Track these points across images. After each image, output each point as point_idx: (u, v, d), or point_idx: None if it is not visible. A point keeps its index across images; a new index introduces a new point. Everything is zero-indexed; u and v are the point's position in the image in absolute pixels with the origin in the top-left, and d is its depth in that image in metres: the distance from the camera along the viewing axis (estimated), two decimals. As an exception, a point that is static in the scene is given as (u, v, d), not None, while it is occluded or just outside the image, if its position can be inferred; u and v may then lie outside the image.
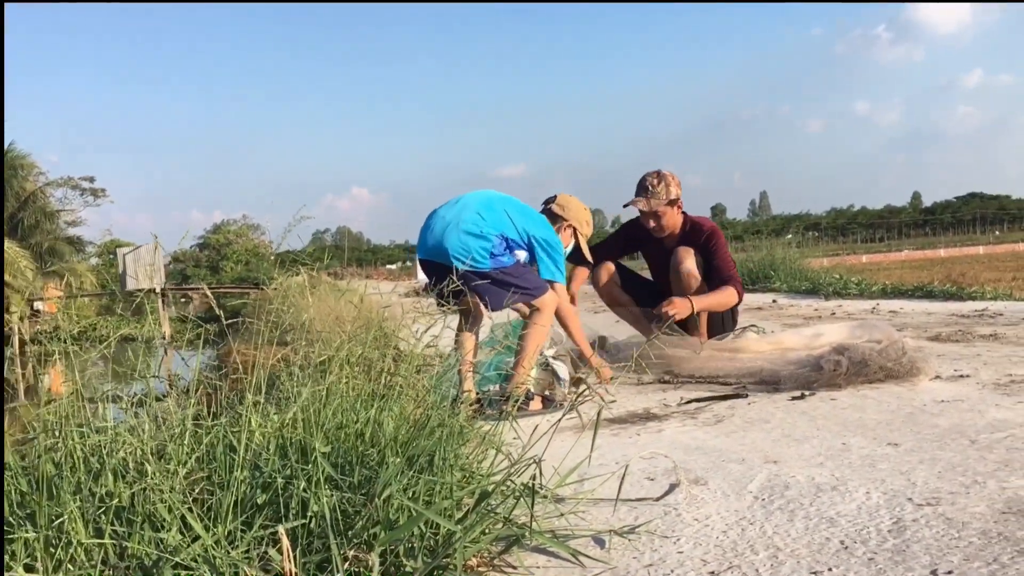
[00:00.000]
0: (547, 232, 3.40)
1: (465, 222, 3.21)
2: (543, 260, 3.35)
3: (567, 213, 3.65)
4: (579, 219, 3.68)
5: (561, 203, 3.66)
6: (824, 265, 15.15)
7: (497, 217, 3.26)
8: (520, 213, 3.35)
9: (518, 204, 3.40)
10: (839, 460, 2.15)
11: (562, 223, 3.63)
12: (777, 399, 3.08)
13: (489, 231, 3.21)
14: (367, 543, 1.46)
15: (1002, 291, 7.40)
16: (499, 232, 3.23)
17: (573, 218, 3.66)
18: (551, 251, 3.37)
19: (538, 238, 3.33)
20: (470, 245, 3.18)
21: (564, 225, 3.63)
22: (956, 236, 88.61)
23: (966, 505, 1.72)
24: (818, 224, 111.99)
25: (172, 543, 1.36)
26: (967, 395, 2.87)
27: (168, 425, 1.68)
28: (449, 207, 3.34)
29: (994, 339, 4.39)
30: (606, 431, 2.73)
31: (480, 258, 3.19)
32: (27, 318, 19.17)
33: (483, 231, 3.21)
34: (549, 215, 3.61)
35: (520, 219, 3.32)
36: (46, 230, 28.04)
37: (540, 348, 3.34)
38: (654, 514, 1.82)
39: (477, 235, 3.20)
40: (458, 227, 3.21)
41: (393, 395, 1.94)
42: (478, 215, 3.23)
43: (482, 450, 2.00)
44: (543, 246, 3.34)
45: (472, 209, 3.26)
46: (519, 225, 3.30)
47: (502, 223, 3.26)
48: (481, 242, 3.20)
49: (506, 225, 3.26)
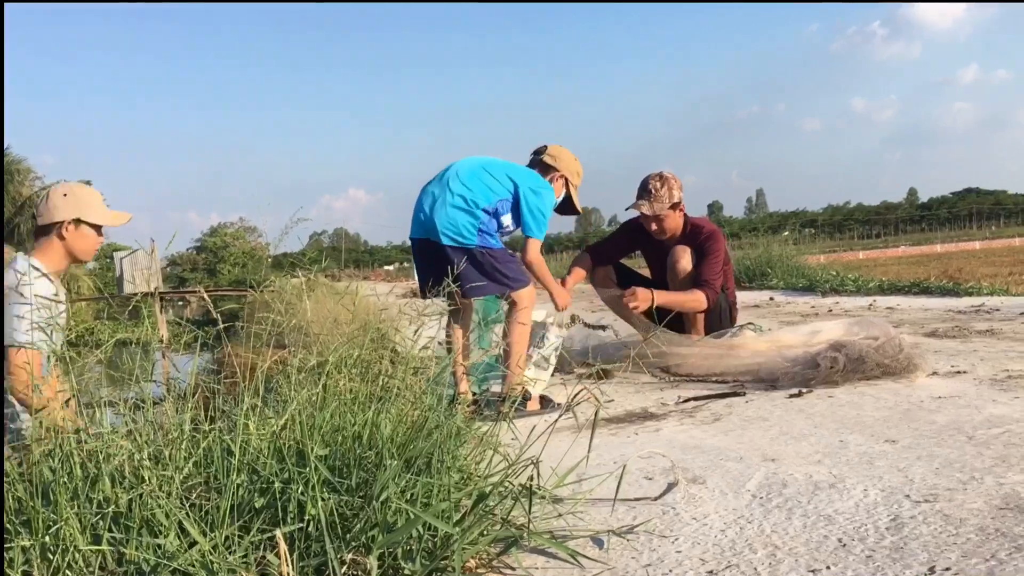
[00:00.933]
0: (534, 181, 3.38)
1: (453, 196, 3.23)
2: (526, 214, 3.32)
3: (558, 163, 3.60)
4: (570, 169, 3.63)
5: (552, 153, 3.61)
6: (821, 262, 15.15)
7: (482, 184, 3.26)
8: (506, 168, 3.35)
9: (504, 163, 3.39)
10: (837, 457, 2.15)
11: (554, 173, 3.58)
12: (775, 397, 3.08)
13: (476, 201, 3.22)
14: (365, 546, 1.46)
15: (998, 286, 7.41)
16: (487, 202, 3.24)
17: (564, 168, 3.61)
18: (538, 201, 3.34)
19: (524, 188, 3.31)
20: (458, 221, 3.20)
21: (556, 176, 3.59)
22: (952, 232, 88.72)
23: (963, 501, 1.72)
24: (815, 221, 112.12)
25: (170, 549, 1.36)
26: (964, 391, 2.88)
27: (165, 430, 1.67)
28: (437, 182, 3.35)
29: (991, 335, 4.40)
30: (604, 431, 2.73)
31: (468, 234, 3.20)
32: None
33: (471, 204, 3.22)
34: (540, 166, 3.58)
35: (505, 173, 3.32)
36: (42, 235, 27.99)
37: (527, 345, 3.34)
38: (652, 513, 1.83)
39: (465, 210, 3.21)
40: (446, 203, 3.23)
41: (390, 397, 1.94)
42: (464, 186, 3.24)
43: (480, 451, 2.00)
44: (528, 197, 3.32)
45: (458, 180, 3.26)
46: (505, 178, 3.30)
47: (487, 190, 3.26)
48: (469, 217, 3.21)
49: (492, 188, 3.27)
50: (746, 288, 10.45)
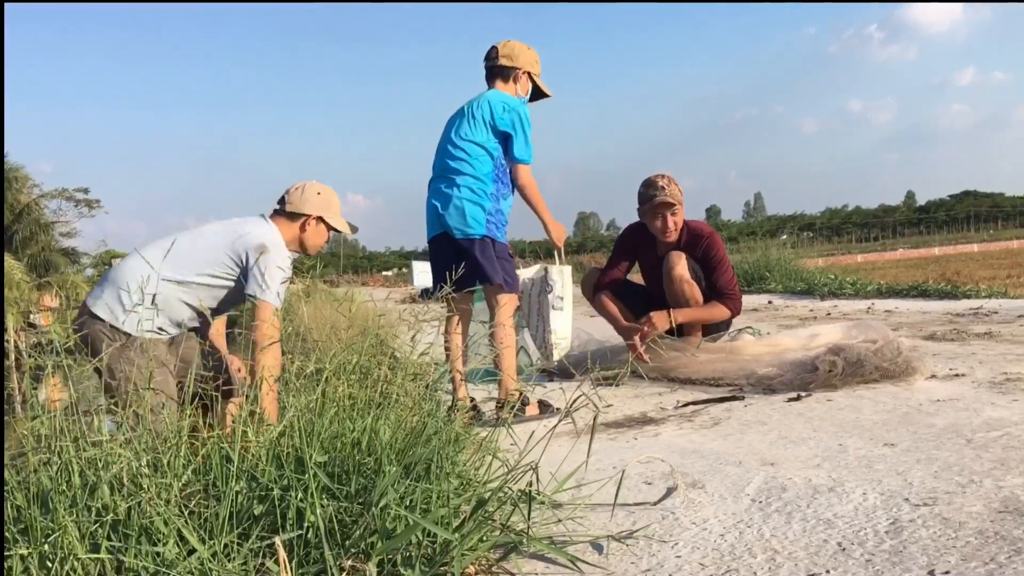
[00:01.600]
0: (500, 104, 3.35)
1: (460, 189, 3.26)
2: (516, 142, 3.33)
3: (517, 61, 3.51)
4: (528, 61, 3.54)
5: (506, 53, 3.51)
6: (819, 265, 15.18)
7: (474, 154, 3.29)
8: (477, 115, 3.34)
9: (467, 111, 3.38)
10: (836, 461, 2.15)
11: (516, 72, 3.50)
12: (774, 401, 3.08)
13: (484, 188, 3.26)
14: (364, 553, 1.46)
15: (997, 289, 7.42)
16: (487, 174, 3.29)
17: (523, 62, 3.52)
18: (513, 118, 3.33)
19: (498, 118, 3.31)
20: (467, 212, 3.24)
21: (518, 73, 3.51)
22: (950, 234, 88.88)
23: (963, 505, 1.72)
24: (813, 224, 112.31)
25: (169, 556, 1.36)
26: (963, 394, 2.88)
27: (163, 437, 1.67)
28: (441, 177, 3.36)
29: (989, 337, 4.40)
30: (603, 435, 2.73)
31: (476, 225, 3.25)
32: (23, 331, 19.12)
33: (478, 192, 3.25)
34: (499, 71, 3.51)
35: (482, 121, 3.32)
36: (41, 242, 27.99)
37: (517, 347, 3.35)
38: (652, 518, 1.82)
39: (474, 201, 3.25)
40: (452, 197, 3.27)
41: (389, 403, 1.94)
42: (465, 175, 3.28)
43: (479, 457, 2.00)
44: (505, 124, 3.32)
45: (457, 168, 3.29)
46: (483, 129, 3.31)
47: (479, 159, 3.29)
48: (478, 209, 3.25)
49: (483, 151, 3.29)
50: (745, 292, 10.40)
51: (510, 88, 3.46)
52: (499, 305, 3.26)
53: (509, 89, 3.46)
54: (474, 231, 3.24)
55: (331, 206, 2.95)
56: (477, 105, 3.36)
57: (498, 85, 3.46)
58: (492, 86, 3.47)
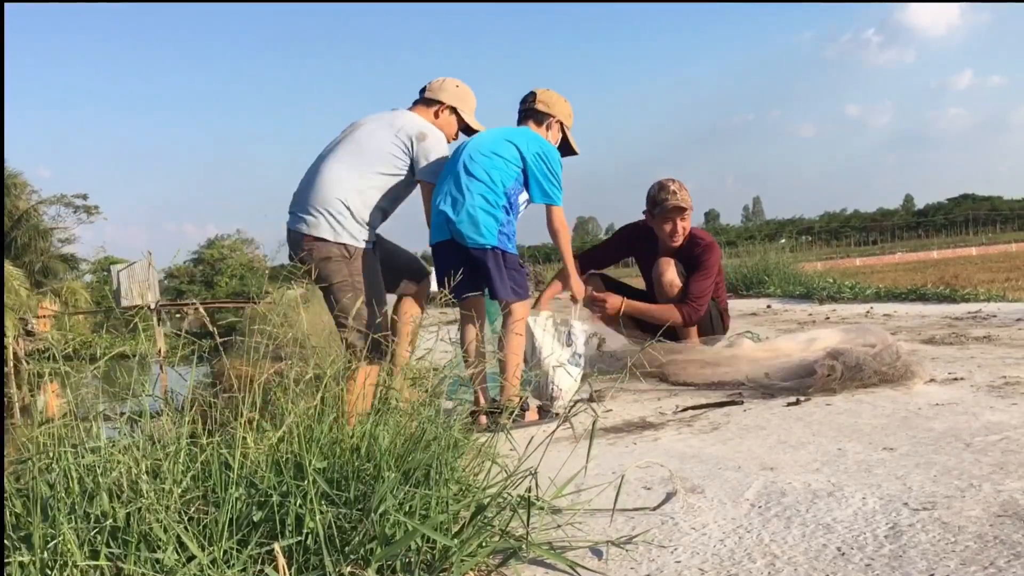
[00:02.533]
0: (538, 145, 3.28)
1: (473, 195, 3.15)
2: (543, 181, 3.25)
3: (552, 109, 3.48)
4: (564, 112, 3.53)
5: (544, 100, 3.48)
6: (818, 269, 15.18)
7: (497, 171, 3.19)
8: (508, 139, 3.26)
9: (502, 134, 3.30)
10: (835, 466, 2.15)
11: (549, 120, 3.48)
12: (773, 405, 3.08)
13: (497, 199, 3.16)
14: (364, 559, 1.46)
15: (995, 292, 7.41)
16: (505, 187, 3.18)
17: (558, 112, 3.50)
18: (549, 164, 3.26)
19: (530, 155, 3.23)
20: (480, 221, 3.13)
21: (552, 121, 3.48)
22: (949, 237, 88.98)
23: (962, 509, 1.72)
24: (811, 228, 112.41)
25: (168, 563, 1.36)
26: (962, 398, 2.88)
27: (162, 443, 1.67)
28: (452, 182, 3.24)
29: (988, 341, 4.40)
30: (602, 440, 2.72)
31: (488, 235, 3.14)
32: (21, 337, 19.10)
33: (492, 204, 3.15)
34: (532, 114, 3.48)
35: (511, 145, 3.23)
36: (39, 248, 27.99)
37: (523, 355, 3.29)
38: (651, 524, 1.82)
39: (487, 211, 3.15)
40: (466, 204, 3.15)
41: (388, 409, 1.94)
42: (481, 183, 3.17)
43: (478, 462, 2.00)
44: (538, 164, 3.24)
45: (474, 177, 3.18)
46: (512, 152, 3.22)
47: (503, 173, 3.19)
48: (491, 219, 3.15)
49: (507, 170, 3.20)
50: (743, 296, 10.46)
51: (541, 133, 3.43)
52: (511, 315, 3.19)
53: (540, 133, 3.42)
54: (486, 241, 3.16)
55: (467, 101, 3.17)
56: (512, 132, 3.31)
57: (531, 127, 3.44)
58: (524, 125, 3.45)
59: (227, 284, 47.51)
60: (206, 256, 55.39)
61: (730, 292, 10.34)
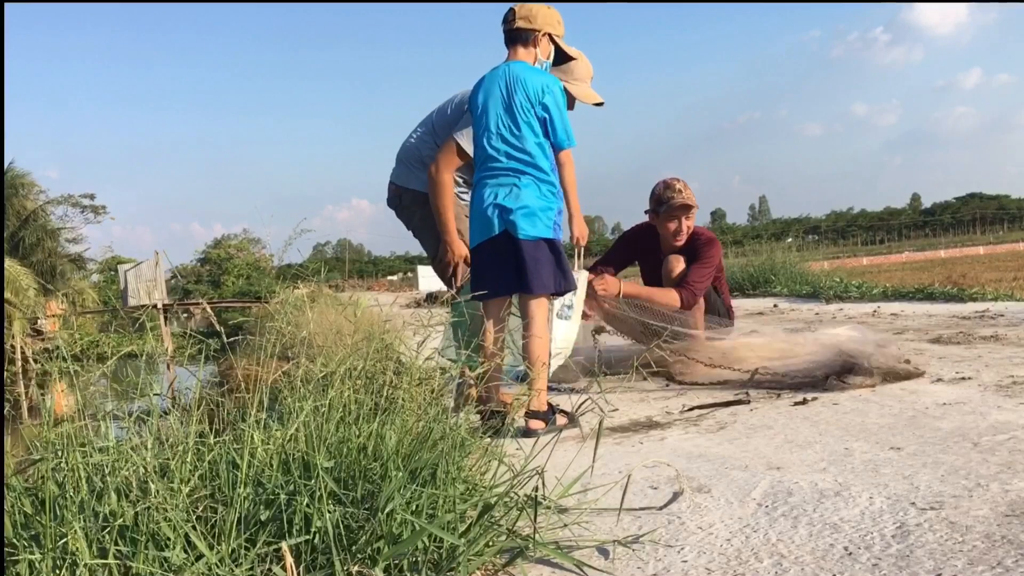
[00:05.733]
0: (536, 84, 3.05)
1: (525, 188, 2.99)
2: (557, 126, 3.05)
3: (536, 22, 3.16)
4: (549, 22, 3.20)
5: (523, 15, 3.16)
6: (824, 268, 15.15)
7: (532, 144, 3.02)
8: (520, 95, 3.04)
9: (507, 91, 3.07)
10: (842, 465, 2.15)
11: (535, 35, 3.16)
12: (779, 405, 3.08)
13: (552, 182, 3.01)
14: (371, 558, 1.46)
15: (1003, 292, 7.39)
16: (548, 165, 3.03)
17: (543, 24, 3.18)
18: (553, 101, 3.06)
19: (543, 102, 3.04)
20: (537, 211, 2.99)
21: (538, 36, 3.17)
22: (956, 237, 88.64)
23: (969, 509, 1.72)
24: (818, 227, 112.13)
25: (176, 562, 1.36)
26: (969, 397, 2.87)
27: (171, 442, 1.68)
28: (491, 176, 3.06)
29: (995, 340, 4.39)
30: (608, 440, 2.72)
31: (545, 228, 3.00)
32: (29, 336, 19.18)
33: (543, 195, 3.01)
34: (517, 35, 3.16)
35: (525, 105, 3.03)
36: (47, 248, 28.08)
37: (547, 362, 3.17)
38: (658, 523, 1.82)
39: (544, 208, 3.01)
40: (519, 195, 2.99)
41: (395, 408, 1.95)
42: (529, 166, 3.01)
43: (485, 462, 2.00)
44: (551, 111, 3.04)
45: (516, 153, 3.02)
46: (528, 111, 3.03)
47: (540, 147, 3.03)
48: (546, 216, 3.01)
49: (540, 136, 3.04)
50: (750, 295, 10.45)
51: (530, 54, 3.18)
52: (531, 315, 3.00)
53: (529, 55, 3.17)
54: (540, 233, 2.99)
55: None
56: (514, 88, 3.06)
57: (519, 52, 3.17)
58: (512, 53, 3.19)
59: (233, 284, 47.61)
60: (213, 256, 55.53)
61: (737, 291, 10.35)
